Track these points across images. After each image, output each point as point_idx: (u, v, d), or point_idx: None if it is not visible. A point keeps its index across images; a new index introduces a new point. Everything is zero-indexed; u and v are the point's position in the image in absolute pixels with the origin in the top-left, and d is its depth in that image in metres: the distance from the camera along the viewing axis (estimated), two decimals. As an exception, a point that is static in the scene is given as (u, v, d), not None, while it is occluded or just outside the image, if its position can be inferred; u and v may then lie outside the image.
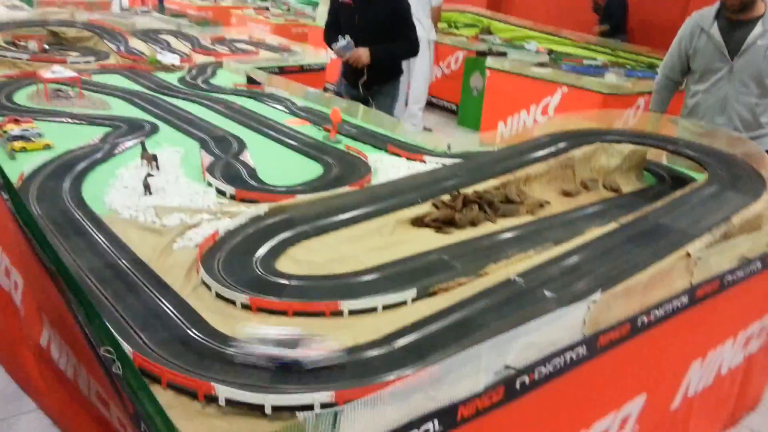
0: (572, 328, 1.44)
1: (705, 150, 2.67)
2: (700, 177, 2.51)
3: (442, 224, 2.06)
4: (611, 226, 1.99)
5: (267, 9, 9.81)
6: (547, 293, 1.58)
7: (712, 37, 3.07)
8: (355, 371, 1.25)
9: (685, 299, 1.70)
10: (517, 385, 1.30)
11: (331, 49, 3.82)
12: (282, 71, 4.81)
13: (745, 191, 2.22)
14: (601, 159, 2.73)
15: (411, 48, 3.88)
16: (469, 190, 2.27)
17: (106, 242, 1.77)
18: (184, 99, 3.56)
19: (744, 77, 3.03)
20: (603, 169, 2.70)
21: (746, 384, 2.44)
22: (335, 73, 4.34)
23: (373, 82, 3.92)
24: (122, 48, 4.62)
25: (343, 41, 3.69)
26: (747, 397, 2.54)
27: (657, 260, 1.75)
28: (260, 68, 4.51)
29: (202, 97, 3.63)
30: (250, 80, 4.17)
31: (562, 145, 2.71)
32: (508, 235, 2.02)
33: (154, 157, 2.35)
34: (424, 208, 2.13)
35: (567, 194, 2.50)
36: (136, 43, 4.83)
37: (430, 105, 7.68)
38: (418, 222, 2.07)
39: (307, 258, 1.76)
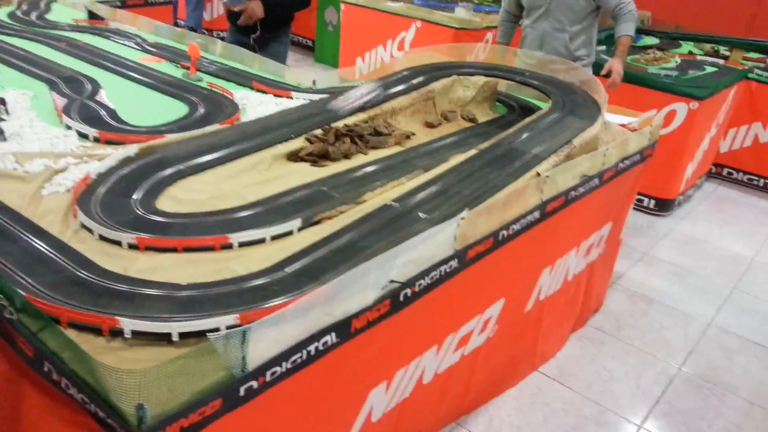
0: (444, 243, 1.60)
1: (547, 80, 2.94)
2: (545, 105, 2.77)
3: (317, 158, 2.14)
4: (471, 152, 2.17)
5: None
6: (421, 215, 1.73)
7: None
8: (254, 296, 1.32)
9: (537, 214, 1.93)
10: (401, 298, 1.45)
11: (223, 2, 3.55)
12: (124, 5, 4.51)
13: (583, 116, 2.50)
14: (458, 91, 2.91)
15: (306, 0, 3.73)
16: (339, 124, 2.35)
17: (-37, 193, 1.66)
18: (19, 37, 3.26)
19: (558, 15, 3.35)
20: (460, 101, 2.89)
21: (589, 289, 2.81)
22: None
23: (264, 29, 3.69)
24: (-67, -22, 4.07)
25: None
26: (591, 301, 2.93)
27: (512, 180, 1.96)
28: (101, 2, 4.20)
29: (39, 34, 3.34)
30: (92, 15, 3.88)
31: (422, 78, 2.85)
32: (380, 165, 2.14)
33: (2, 101, 2.18)
34: (297, 143, 2.19)
35: (430, 125, 2.66)
36: (-51, -27, 4.27)
37: (284, 41, 7.53)
38: (293, 157, 2.13)
39: (188, 196, 1.77)
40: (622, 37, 3.33)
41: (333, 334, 1.28)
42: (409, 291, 1.47)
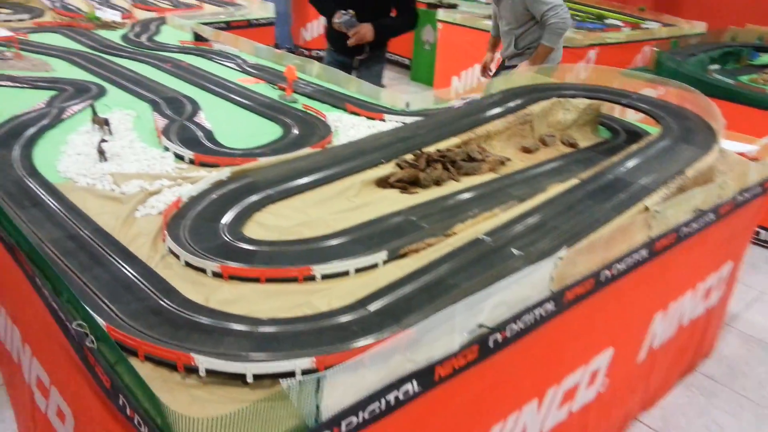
0: (540, 284, 1.48)
1: (657, 103, 2.74)
2: (653, 130, 2.57)
3: (407, 184, 2.07)
4: (572, 182, 2.03)
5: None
6: (515, 251, 1.61)
7: None
8: (333, 336, 1.26)
9: (644, 252, 1.76)
10: (491, 343, 1.34)
11: (333, 23, 3.55)
12: (229, 26, 4.66)
13: (697, 144, 2.30)
14: (558, 114, 2.77)
15: (414, 22, 3.70)
16: (431, 149, 2.27)
17: (65, 212, 1.72)
18: (129, 58, 3.42)
19: (509, 18, 3.90)
20: (560, 125, 2.74)
21: (704, 333, 2.57)
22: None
23: (362, 49, 3.63)
24: (58, 4, 4.38)
25: (346, 15, 3.44)
26: (703, 345, 2.68)
27: (617, 215, 1.81)
28: (206, 23, 4.36)
29: (148, 55, 3.49)
30: (197, 37, 4.02)
31: (519, 101, 2.73)
32: (473, 193, 2.04)
33: (106, 122, 2.26)
34: (387, 169, 2.13)
35: (526, 150, 2.53)
36: (72, -1, 4.59)
37: (381, 59, 7.57)
38: (382, 183, 2.07)
39: (275, 223, 1.75)
40: (539, 44, 3.79)
41: (415, 383, 1.19)
42: (499, 336, 1.36)
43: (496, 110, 2.63)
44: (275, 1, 6.02)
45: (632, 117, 2.89)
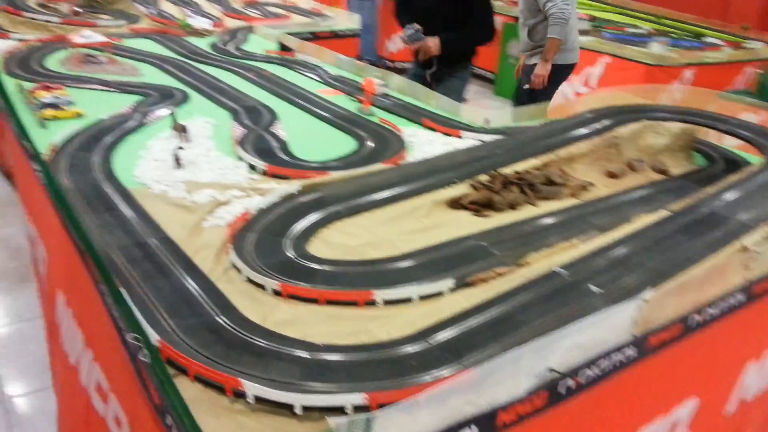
0: (620, 327, 1.35)
1: (760, 130, 2.52)
2: (755, 160, 2.37)
3: (480, 207, 1.98)
4: (661, 213, 1.88)
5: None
6: (593, 288, 1.49)
7: None
8: (390, 370, 1.19)
9: (741, 296, 1.59)
10: (561, 390, 1.23)
11: (400, 37, 3.59)
12: (314, 37, 4.70)
13: (806, 178, 2.09)
14: (649, 138, 2.59)
15: (485, 34, 3.57)
16: (508, 170, 2.17)
17: (136, 218, 1.73)
18: (215, 66, 3.49)
19: (522, 9, 4.03)
20: (650, 149, 2.57)
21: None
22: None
23: (441, 63, 3.62)
24: (153, 11, 4.55)
25: (411, 29, 3.42)
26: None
27: (711, 253, 1.65)
28: (292, 33, 4.40)
29: (233, 64, 3.55)
30: (282, 46, 4.07)
31: (606, 122, 2.58)
32: (550, 220, 1.92)
33: (185, 129, 2.29)
34: (461, 189, 2.05)
35: (612, 175, 2.38)
36: (167, 6, 4.76)
37: (465, 73, 7.48)
38: (454, 204, 1.99)
39: (340, 241, 1.70)
40: (546, 39, 3.85)
41: (474, 428, 1.10)
42: (571, 382, 1.25)
43: (581, 131, 2.49)
44: (361, 12, 6.06)
45: (731, 144, 2.67)
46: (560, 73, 4.14)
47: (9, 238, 3.49)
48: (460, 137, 2.60)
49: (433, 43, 3.42)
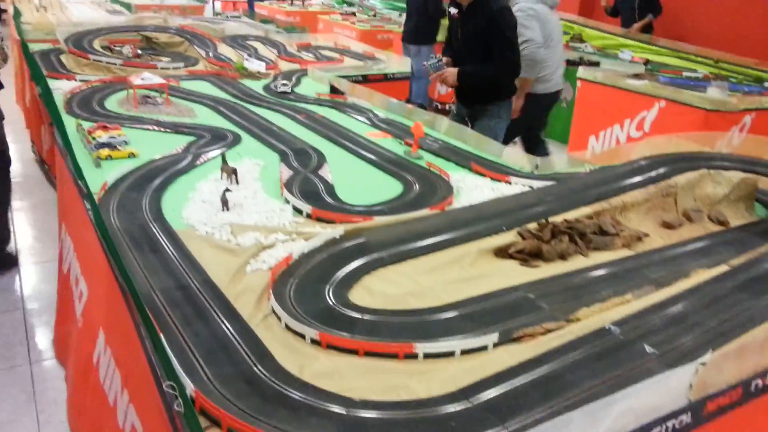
0: (676, 392, 1.27)
1: (829, 182, 2.40)
2: (824, 213, 2.24)
3: (528, 256, 1.91)
4: (720, 268, 1.78)
5: (353, 14, 9.85)
6: (648, 348, 1.41)
7: None
8: (428, 431, 1.13)
9: (809, 362, 1.48)
10: (612, 458, 1.15)
11: (424, 64, 3.72)
12: (365, 80, 4.75)
13: None
14: (707, 187, 2.49)
15: (505, 69, 3.60)
16: (558, 219, 2.11)
17: (180, 261, 1.74)
18: (267, 108, 3.55)
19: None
20: (708, 199, 2.46)
21: None
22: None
23: (474, 101, 3.75)
24: (211, 54, 4.69)
25: (434, 59, 3.55)
26: None
27: (776, 314, 1.55)
28: (344, 76, 4.46)
29: (285, 106, 3.61)
30: (334, 89, 4.13)
31: (662, 170, 2.49)
32: (602, 272, 1.85)
33: (234, 171, 2.32)
34: (508, 237, 1.99)
35: (668, 226, 2.29)
36: (224, 50, 4.90)
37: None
38: (501, 252, 1.93)
39: (382, 289, 1.66)
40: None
41: (517, 498, 1.03)
42: (623, 451, 1.17)
43: (636, 179, 2.41)
44: (417, 58, 6.15)
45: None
46: (544, 100, 4.81)
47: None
48: (509, 183, 2.55)
49: (450, 74, 3.55)
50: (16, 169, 4.77)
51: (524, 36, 4.15)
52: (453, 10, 3.65)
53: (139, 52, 4.60)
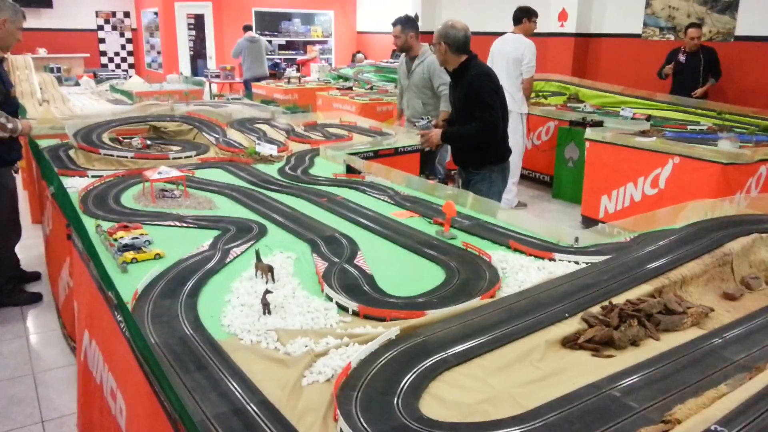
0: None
1: None
2: None
3: (599, 345, 1.78)
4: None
5: (350, 89, 9.96)
6: (770, 454, 1.26)
7: None
8: None
9: None
10: None
11: (414, 124, 4.12)
12: (377, 155, 4.71)
13: None
14: (761, 252, 2.40)
15: (485, 129, 3.81)
16: (620, 299, 1.99)
17: (229, 378, 1.60)
18: (286, 193, 3.47)
19: (414, 87, 5.52)
20: (764, 264, 2.36)
21: None
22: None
23: (468, 165, 4.00)
24: (221, 140, 4.66)
25: (424, 120, 3.85)
26: None
27: None
28: (355, 153, 4.42)
29: (304, 190, 3.53)
30: (350, 168, 4.07)
31: (714, 237, 2.40)
32: (681, 358, 1.71)
33: (271, 269, 2.20)
34: (573, 324, 1.87)
35: (730, 297, 2.17)
36: (233, 134, 4.87)
37: (522, 177, 7.43)
38: (570, 342, 1.80)
39: (454, 397, 1.52)
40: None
41: None
42: None
43: (689, 249, 2.31)
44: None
45: None
46: None
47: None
48: (553, 260, 2.44)
49: (434, 134, 3.92)
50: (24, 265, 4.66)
51: (443, 80, 5.05)
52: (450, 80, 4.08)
53: (149, 142, 4.56)
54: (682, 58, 7.36)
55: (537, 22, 6.66)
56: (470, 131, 3.83)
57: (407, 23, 5.27)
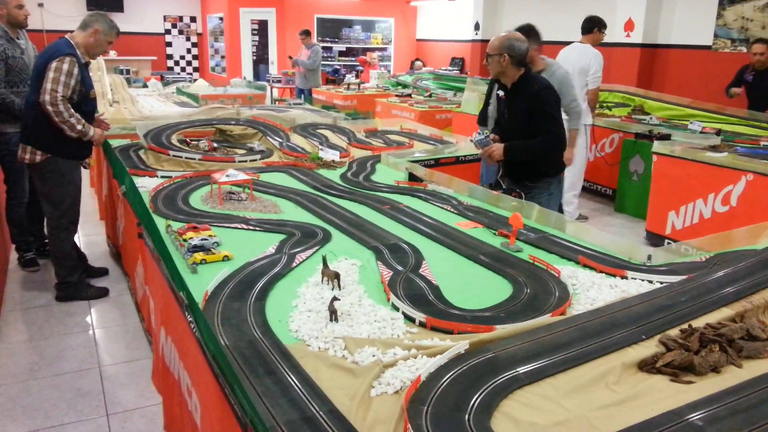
0: None
1: None
2: None
3: (678, 370, 1.71)
4: None
5: (410, 96, 9.97)
6: None
7: None
8: None
9: None
10: None
11: (470, 140, 3.85)
12: (437, 163, 4.69)
13: None
14: None
15: (552, 143, 3.70)
16: (700, 323, 1.90)
17: (298, 385, 1.60)
18: (348, 199, 3.48)
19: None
20: None
21: None
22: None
23: (523, 178, 3.83)
24: (284, 144, 4.72)
25: (481, 135, 3.66)
26: None
27: None
28: (416, 161, 4.41)
29: (367, 197, 3.54)
30: (411, 176, 4.05)
31: (797, 259, 2.28)
32: (765, 387, 1.62)
33: (337, 276, 2.20)
34: (650, 347, 1.80)
35: (817, 325, 2.05)
36: (296, 139, 4.93)
37: (583, 189, 7.26)
38: (647, 366, 1.73)
39: (527, 418, 1.48)
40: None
41: None
42: None
43: (772, 272, 2.20)
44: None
45: None
46: None
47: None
48: (625, 278, 2.36)
49: (497, 148, 3.65)
50: (92, 261, 4.83)
51: (573, 95, 4.83)
52: (500, 93, 3.84)
53: (215, 145, 4.66)
54: (749, 77, 6.99)
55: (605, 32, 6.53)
56: (537, 145, 3.65)
57: (530, 33, 4.24)
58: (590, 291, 2.24)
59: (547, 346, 1.77)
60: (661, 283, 2.27)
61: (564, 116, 4.23)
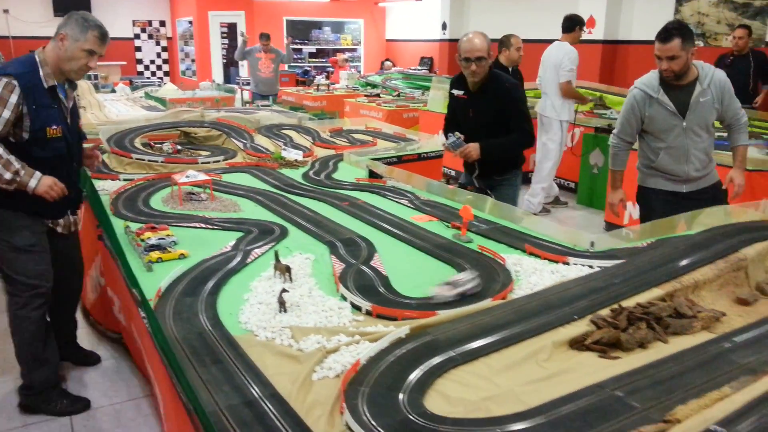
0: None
1: None
2: None
3: (606, 347, 1.81)
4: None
5: (378, 96, 10.05)
6: (765, 453, 1.28)
7: (662, 102, 3.44)
8: None
9: None
10: None
11: (443, 144, 3.84)
12: (400, 161, 4.78)
13: None
14: (777, 258, 2.38)
15: (524, 140, 3.75)
16: (630, 303, 2.01)
17: (243, 372, 1.67)
18: (309, 197, 3.55)
19: (695, 129, 3.45)
20: (781, 270, 2.35)
21: None
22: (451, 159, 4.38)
23: (492, 172, 3.86)
24: (248, 145, 4.76)
25: (453, 137, 3.63)
26: None
27: None
28: (379, 158, 4.49)
29: (327, 194, 3.61)
30: (372, 174, 4.13)
31: (729, 242, 2.39)
32: (688, 361, 1.73)
33: (288, 269, 2.27)
34: (581, 326, 1.89)
35: (743, 302, 2.17)
36: (261, 140, 4.98)
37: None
38: (577, 344, 1.83)
39: (458, 394, 1.56)
40: (740, 147, 3.55)
41: None
42: None
43: (703, 254, 2.31)
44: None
45: None
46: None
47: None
48: (567, 264, 2.47)
49: (473, 148, 3.61)
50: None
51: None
52: (457, 92, 3.79)
53: (179, 147, 4.68)
54: (728, 61, 7.11)
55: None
56: (511, 143, 3.69)
57: (688, 35, 3.32)
58: (532, 277, 2.34)
59: (484, 328, 1.86)
60: (601, 267, 2.38)
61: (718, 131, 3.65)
